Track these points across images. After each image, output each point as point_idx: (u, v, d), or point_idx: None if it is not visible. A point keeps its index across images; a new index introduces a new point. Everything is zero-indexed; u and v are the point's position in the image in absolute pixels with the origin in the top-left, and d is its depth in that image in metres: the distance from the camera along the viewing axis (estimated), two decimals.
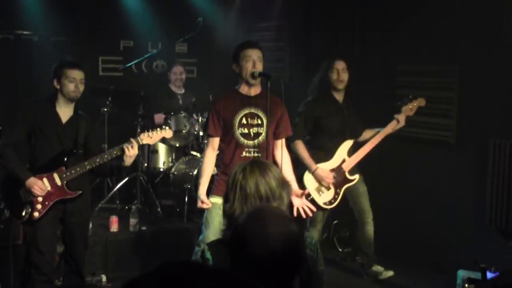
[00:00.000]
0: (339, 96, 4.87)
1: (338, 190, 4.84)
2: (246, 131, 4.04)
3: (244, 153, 4.04)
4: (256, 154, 4.05)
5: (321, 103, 4.83)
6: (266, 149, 4.01)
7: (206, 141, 4.26)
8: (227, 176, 3.93)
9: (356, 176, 4.88)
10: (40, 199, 3.93)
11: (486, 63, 4.93)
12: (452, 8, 5.14)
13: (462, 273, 4.39)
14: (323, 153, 4.82)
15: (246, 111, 4.03)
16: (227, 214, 2.36)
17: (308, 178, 4.75)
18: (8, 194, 4.01)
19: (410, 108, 4.82)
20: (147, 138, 4.11)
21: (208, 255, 2.30)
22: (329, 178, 4.74)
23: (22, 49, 6.54)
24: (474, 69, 5.06)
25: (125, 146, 3.96)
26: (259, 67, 3.98)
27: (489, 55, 4.90)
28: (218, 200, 4.00)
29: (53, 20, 6.57)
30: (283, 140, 4.20)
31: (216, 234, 3.99)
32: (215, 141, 4.08)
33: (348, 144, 4.85)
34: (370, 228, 5.01)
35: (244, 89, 4.07)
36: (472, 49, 5.02)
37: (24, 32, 6.57)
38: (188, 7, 7.05)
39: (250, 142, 4.04)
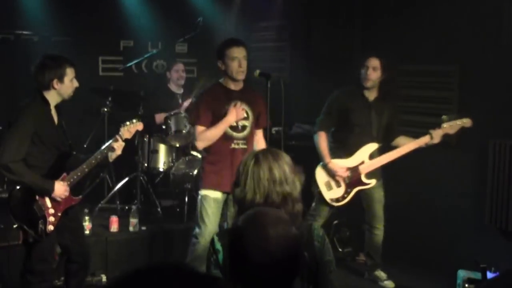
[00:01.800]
0: (369, 94, 4.75)
1: (348, 190, 4.75)
2: (234, 124, 4.15)
3: (232, 145, 4.19)
4: (243, 146, 4.20)
5: (348, 96, 4.77)
6: (252, 141, 4.26)
7: (196, 133, 4.22)
8: (215, 166, 4.10)
9: (372, 181, 4.76)
10: (51, 211, 3.77)
11: (486, 63, 4.93)
12: (452, 8, 5.14)
13: (462, 273, 4.39)
14: (343, 149, 4.76)
15: (234, 104, 4.16)
16: (238, 199, 2.34)
17: (320, 170, 4.74)
18: (21, 212, 3.75)
19: (451, 126, 4.55)
20: (126, 132, 3.94)
21: (219, 246, 2.29)
22: (342, 172, 4.67)
23: (22, 49, 6.52)
24: (474, 69, 5.06)
25: (115, 145, 3.86)
26: (244, 66, 4.11)
27: (489, 55, 4.90)
28: (209, 193, 4.15)
29: (53, 20, 6.57)
30: (261, 130, 4.36)
31: (214, 225, 4.12)
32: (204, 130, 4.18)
33: (371, 146, 4.72)
34: (379, 234, 4.97)
35: (230, 85, 4.21)
36: (472, 49, 5.02)
37: (24, 32, 6.55)
38: (188, 7, 7.04)
39: (238, 135, 4.20)
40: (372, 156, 4.73)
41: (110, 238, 5.25)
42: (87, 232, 5.13)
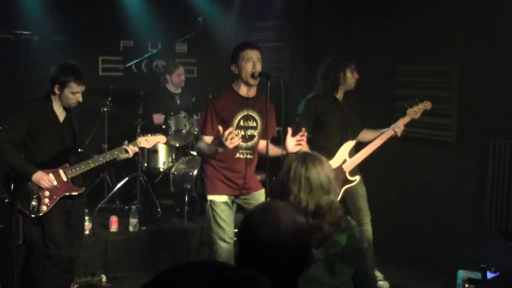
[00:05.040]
0: (339, 94, 4.85)
1: (337, 191, 4.79)
2: (242, 133, 4.05)
3: (238, 155, 4.08)
4: (249, 156, 4.11)
5: (322, 100, 4.80)
6: (257, 150, 4.16)
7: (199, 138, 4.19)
8: (218, 172, 4.02)
9: (357, 177, 4.82)
10: (47, 193, 4.03)
11: (486, 63, 4.93)
12: (452, 8, 5.14)
13: (462, 273, 4.39)
14: (323, 152, 4.79)
15: (244, 113, 4.06)
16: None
17: None
18: (15, 187, 4.04)
19: (415, 111, 4.75)
20: (144, 142, 4.33)
21: None
22: None
23: (22, 49, 6.53)
24: (474, 69, 5.06)
25: (129, 149, 4.19)
26: (259, 68, 3.99)
27: (489, 55, 4.90)
28: (216, 198, 4.06)
29: (53, 20, 6.56)
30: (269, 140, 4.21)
31: (232, 226, 4.07)
32: (209, 139, 4.05)
33: (349, 144, 4.80)
34: (368, 229, 4.99)
35: (242, 90, 4.07)
36: (472, 49, 5.02)
37: (24, 32, 6.55)
38: (188, 7, 7.04)
39: (244, 144, 4.07)
40: (351, 154, 4.80)
41: (110, 238, 5.25)
42: (87, 232, 5.15)
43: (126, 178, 6.05)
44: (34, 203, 3.99)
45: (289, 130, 3.96)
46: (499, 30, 4.84)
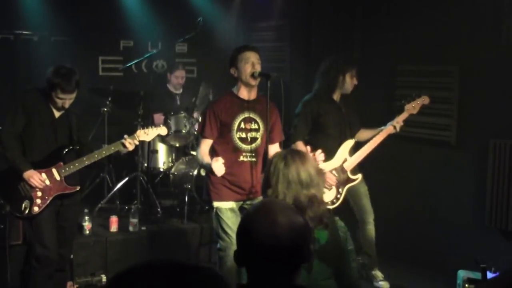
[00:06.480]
0: (336, 96, 4.86)
1: (340, 190, 4.78)
2: (243, 135, 4.04)
3: (241, 158, 4.05)
4: (252, 159, 4.07)
5: (319, 101, 4.81)
6: (262, 153, 4.08)
7: (199, 141, 4.19)
8: (223, 178, 3.97)
9: (359, 176, 4.82)
10: (39, 193, 3.95)
11: (486, 63, 4.93)
12: (452, 8, 5.14)
13: (462, 273, 4.39)
14: (323, 153, 4.79)
15: (244, 115, 4.04)
16: None
17: None
18: (6, 189, 3.98)
19: (413, 107, 4.74)
20: (143, 134, 4.22)
21: None
22: (331, 179, 4.71)
23: (22, 49, 6.54)
24: (474, 69, 5.06)
25: (127, 142, 4.08)
26: (258, 69, 3.98)
27: (489, 55, 4.90)
28: (222, 205, 4.03)
29: (53, 20, 6.57)
30: (277, 145, 4.22)
31: None
32: (209, 143, 4.06)
33: (349, 143, 4.81)
34: (371, 228, 4.99)
35: (242, 93, 4.06)
36: (472, 49, 5.02)
37: (24, 32, 6.56)
38: (188, 7, 7.04)
39: (247, 147, 4.06)
40: (351, 152, 4.80)
41: (110, 238, 5.25)
42: (87, 232, 5.15)
43: (126, 178, 6.05)
44: (25, 204, 3.90)
45: (308, 148, 4.03)
46: (499, 30, 4.83)
